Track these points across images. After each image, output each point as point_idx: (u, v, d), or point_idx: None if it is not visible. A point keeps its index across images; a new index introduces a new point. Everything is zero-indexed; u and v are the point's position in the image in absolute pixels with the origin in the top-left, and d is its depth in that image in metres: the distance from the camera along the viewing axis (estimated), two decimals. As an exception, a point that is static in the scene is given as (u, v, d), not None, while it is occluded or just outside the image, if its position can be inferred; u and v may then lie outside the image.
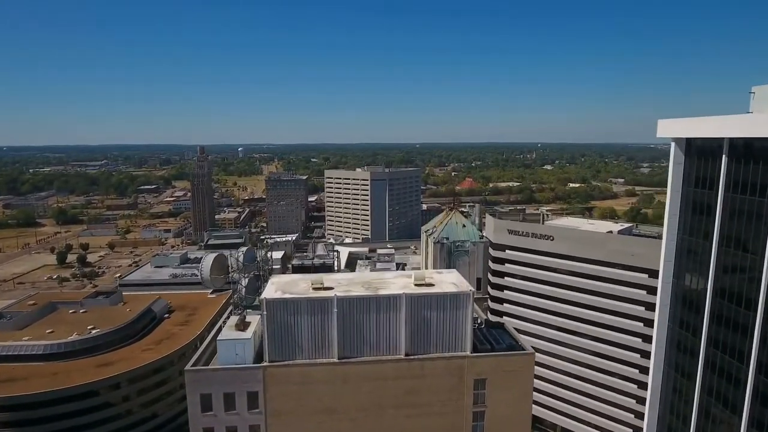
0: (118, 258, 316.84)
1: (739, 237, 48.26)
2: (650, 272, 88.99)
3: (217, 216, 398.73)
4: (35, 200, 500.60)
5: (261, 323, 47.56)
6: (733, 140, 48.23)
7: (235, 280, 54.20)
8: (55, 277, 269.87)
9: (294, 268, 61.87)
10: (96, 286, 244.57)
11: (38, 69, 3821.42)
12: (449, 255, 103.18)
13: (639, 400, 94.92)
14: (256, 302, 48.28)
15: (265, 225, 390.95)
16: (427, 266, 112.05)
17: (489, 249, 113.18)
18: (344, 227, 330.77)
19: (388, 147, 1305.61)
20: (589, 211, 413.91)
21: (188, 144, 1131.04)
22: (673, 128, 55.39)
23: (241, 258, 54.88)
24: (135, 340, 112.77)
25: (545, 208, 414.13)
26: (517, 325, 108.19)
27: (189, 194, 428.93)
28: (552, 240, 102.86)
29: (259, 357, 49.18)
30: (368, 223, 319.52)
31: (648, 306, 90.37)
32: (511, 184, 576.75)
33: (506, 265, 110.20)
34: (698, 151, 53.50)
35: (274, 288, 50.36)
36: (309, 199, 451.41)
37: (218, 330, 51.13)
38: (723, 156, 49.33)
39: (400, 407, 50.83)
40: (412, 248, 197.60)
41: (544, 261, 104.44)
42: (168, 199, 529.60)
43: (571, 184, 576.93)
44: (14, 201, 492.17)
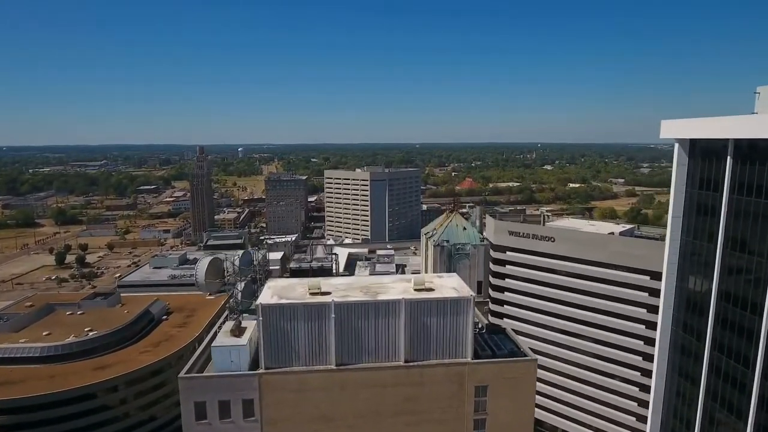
0: (117, 258, 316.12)
1: (745, 239, 47.52)
2: (652, 274, 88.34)
3: (216, 216, 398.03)
4: (34, 200, 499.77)
5: (257, 329, 46.58)
6: (737, 141, 47.48)
7: (231, 283, 53.10)
8: (53, 277, 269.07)
9: (292, 272, 60.96)
10: (95, 287, 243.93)
11: (38, 69, 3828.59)
12: (449, 258, 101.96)
13: (641, 402, 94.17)
14: (252, 306, 47.21)
15: (264, 225, 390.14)
16: (426, 269, 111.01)
17: (489, 250, 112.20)
18: (344, 228, 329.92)
19: (388, 147, 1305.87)
20: (589, 212, 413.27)
21: (188, 144, 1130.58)
22: (676, 129, 54.63)
23: (237, 262, 53.95)
24: (133, 342, 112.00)
25: (545, 209, 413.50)
26: (517, 327, 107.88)
27: (188, 194, 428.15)
28: (553, 241, 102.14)
29: (254, 363, 48.12)
30: (368, 223, 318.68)
31: (650, 308, 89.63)
32: (511, 184, 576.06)
33: (507, 266, 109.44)
34: (702, 152, 52.71)
35: (271, 293, 49.34)
36: (309, 200, 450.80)
37: (213, 336, 49.99)
38: (728, 157, 48.58)
39: (398, 415, 49.81)
40: (412, 249, 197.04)
41: (545, 262, 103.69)
42: (167, 199, 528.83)
43: (571, 185, 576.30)
44: (13, 201, 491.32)
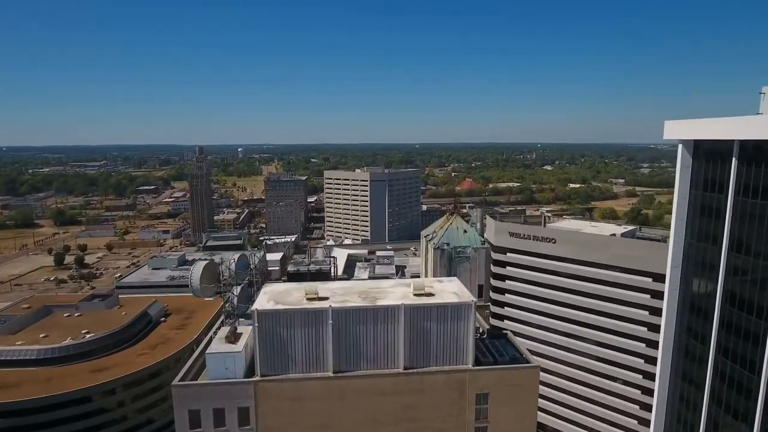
0: (116, 259, 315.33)
1: (750, 242, 46.74)
2: (654, 276, 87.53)
3: (216, 217, 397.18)
4: (34, 201, 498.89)
5: (252, 335, 45.62)
6: (743, 142, 46.65)
7: (227, 288, 51.84)
8: (52, 278, 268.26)
9: (289, 275, 59.94)
10: (93, 288, 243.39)
11: (38, 69, 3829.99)
12: (450, 261, 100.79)
13: (643, 405, 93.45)
14: (249, 311, 46.24)
15: (264, 226, 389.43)
16: (426, 272, 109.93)
17: (490, 253, 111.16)
18: (344, 228, 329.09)
19: (388, 147, 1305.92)
20: (589, 212, 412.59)
21: (188, 144, 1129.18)
22: (680, 130, 53.81)
23: (233, 266, 52.90)
24: (130, 344, 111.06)
25: (545, 209, 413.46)
26: (518, 329, 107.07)
27: (188, 195, 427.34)
28: (554, 243, 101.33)
29: (250, 371, 47.12)
30: (368, 224, 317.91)
31: (652, 310, 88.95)
32: (511, 184, 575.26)
33: (507, 268, 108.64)
34: (707, 153, 51.92)
35: (267, 298, 48.37)
36: (308, 200, 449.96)
37: (208, 342, 48.94)
38: (733, 158, 47.80)
39: (398, 423, 48.83)
40: (412, 250, 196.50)
41: (546, 264, 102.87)
42: (167, 199, 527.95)
43: (571, 185, 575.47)
44: (13, 202, 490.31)
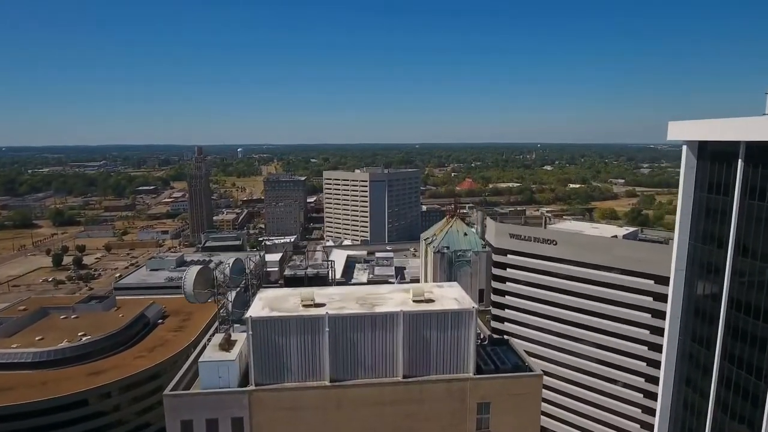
0: (115, 260, 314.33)
1: (757, 245, 45.70)
2: (657, 278, 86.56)
3: (215, 217, 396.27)
4: (32, 201, 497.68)
5: (247, 343, 44.47)
6: (750, 143, 45.66)
7: (222, 293, 50.73)
8: (50, 279, 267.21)
9: (286, 279, 58.76)
10: (92, 289, 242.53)
11: (38, 69, 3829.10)
12: (450, 265, 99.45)
13: (645, 409, 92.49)
14: (243, 317, 45.14)
15: (263, 226, 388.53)
16: (426, 276, 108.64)
17: (491, 257, 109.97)
18: (343, 229, 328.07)
19: (388, 147, 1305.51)
20: (589, 212, 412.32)
21: (187, 144, 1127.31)
22: (685, 130, 52.82)
23: (228, 271, 51.83)
24: (127, 346, 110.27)
25: (545, 209, 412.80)
26: (519, 331, 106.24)
27: (187, 195, 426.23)
28: (555, 244, 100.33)
29: (244, 380, 45.88)
30: (367, 224, 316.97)
31: (654, 313, 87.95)
32: (510, 184, 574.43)
33: (508, 270, 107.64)
34: (712, 154, 50.92)
35: (262, 304, 47.06)
36: (308, 200, 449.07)
37: (201, 349, 47.69)
38: (739, 160, 46.78)
39: (397, 433, 47.59)
40: (412, 251, 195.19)
41: (546, 266, 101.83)
42: (166, 200, 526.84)
43: (571, 185, 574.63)
44: (11, 202, 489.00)
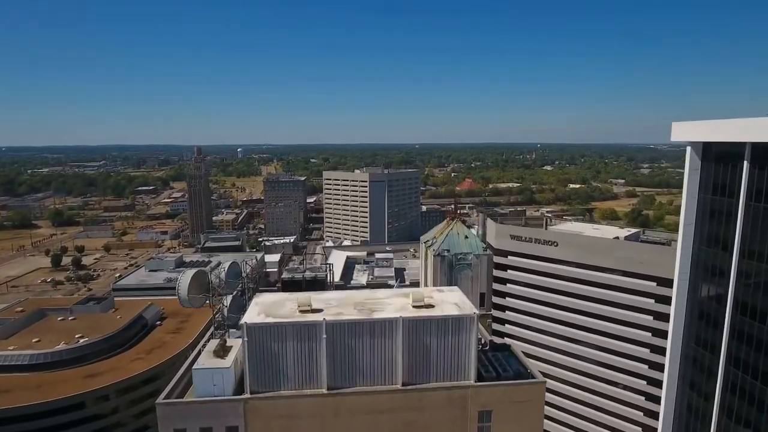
0: (114, 260, 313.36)
1: (763, 248, 44.90)
2: (659, 280, 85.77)
3: (214, 218, 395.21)
4: (32, 201, 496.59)
5: (242, 349, 43.50)
6: (756, 145, 44.83)
7: (218, 296, 49.70)
8: (49, 280, 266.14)
9: (283, 283, 57.85)
10: (90, 290, 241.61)
11: (38, 69, 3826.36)
12: (450, 269, 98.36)
13: (647, 412, 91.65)
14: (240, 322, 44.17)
15: (263, 227, 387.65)
16: (426, 280, 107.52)
17: (492, 259, 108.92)
18: (343, 229, 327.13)
19: (388, 147, 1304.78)
20: (589, 212, 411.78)
21: (187, 144, 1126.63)
22: (689, 131, 52.03)
23: (223, 275, 50.87)
24: (125, 349, 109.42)
25: (545, 209, 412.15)
26: (519, 333, 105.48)
27: (186, 195, 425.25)
28: (556, 246, 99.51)
29: (240, 387, 44.82)
30: (367, 225, 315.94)
31: (657, 315, 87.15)
32: (510, 184, 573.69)
33: (509, 271, 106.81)
34: (717, 156, 50.09)
35: (257, 310, 45.95)
36: (308, 201, 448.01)
37: (196, 356, 46.63)
38: (744, 162, 45.97)
39: (396, 442, 46.29)
40: (411, 251, 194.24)
41: (547, 267, 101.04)
42: (165, 200, 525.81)
43: (571, 185, 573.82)
44: (11, 202, 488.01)
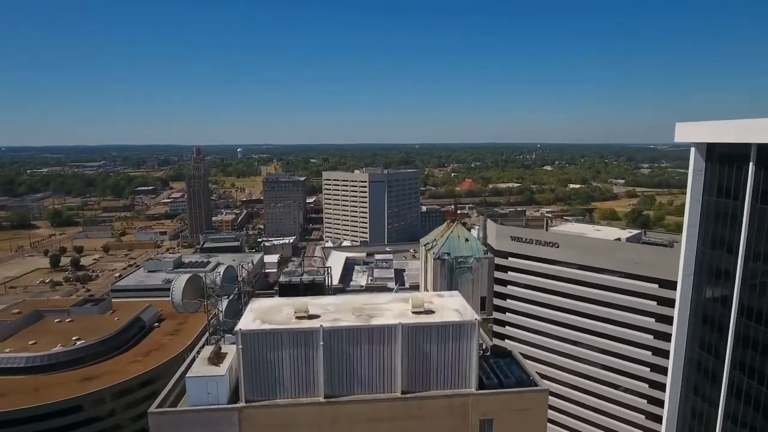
0: (113, 261, 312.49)
1: (769, 252, 44.03)
2: (661, 282, 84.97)
3: (214, 218, 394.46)
4: (31, 202, 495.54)
5: (237, 357, 42.54)
6: (761, 146, 44.01)
7: (213, 300, 48.78)
8: (47, 281, 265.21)
9: (280, 287, 56.93)
10: (89, 291, 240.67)
11: (38, 69, 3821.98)
12: (451, 272, 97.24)
13: (649, 416, 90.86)
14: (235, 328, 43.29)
15: (262, 227, 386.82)
16: (426, 284, 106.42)
17: (493, 262, 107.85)
18: (342, 230, 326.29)
19: (388, 147, 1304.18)
20: (589, 213, 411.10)
21: (187, 144, 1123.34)
22: (693, 132, 51.18)
23: (219, 280, 49.95)
24: (122, 351, 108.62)
25: (545, 210, 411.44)
26: (519, 335, 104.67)
27: (186, 196, 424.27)
28: (557, 247, 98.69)
29: (234, 396, 43.72)
30: (366, 225, 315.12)
31: (658, 317, 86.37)
32: (510, 185, 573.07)
33: (509, 273, 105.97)
34: (721, 157, 49.26)
35: (253, 316, 44.89)
36: (307, 201, 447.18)
37: (190, 363, 45.63)
38: (750, 163, 45.13)
39: (395, 452, 45.30)
40: (411, 252, 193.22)
41: (548, 269, 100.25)
42: (165, 200, 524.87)
43: (571, 185, 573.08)
44: (10, 203, 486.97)
